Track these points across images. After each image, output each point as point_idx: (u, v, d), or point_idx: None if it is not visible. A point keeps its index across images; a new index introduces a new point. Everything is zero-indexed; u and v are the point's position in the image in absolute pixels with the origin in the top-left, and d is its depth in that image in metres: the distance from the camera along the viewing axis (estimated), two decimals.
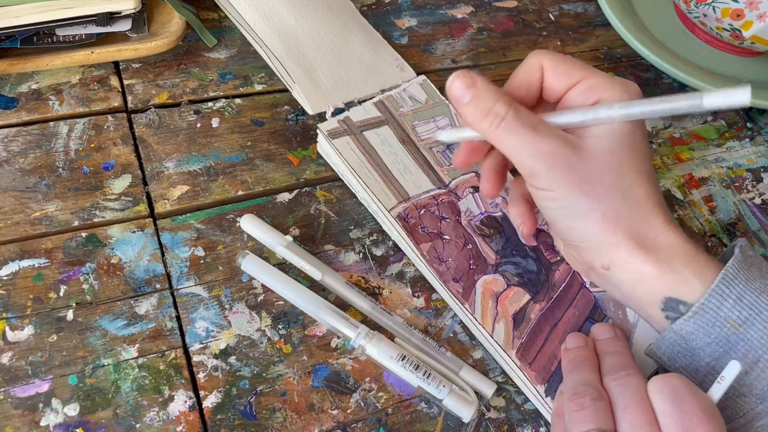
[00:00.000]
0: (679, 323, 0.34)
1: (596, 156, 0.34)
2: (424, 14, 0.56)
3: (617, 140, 0.34)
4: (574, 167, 0.34)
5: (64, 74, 0.46)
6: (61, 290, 0.37)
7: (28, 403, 0.34)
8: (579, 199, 0.34)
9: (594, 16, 0.61)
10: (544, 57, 0.36)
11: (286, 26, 0.49)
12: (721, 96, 0.31)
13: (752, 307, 0.33)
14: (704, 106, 0.31)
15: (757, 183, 0.52)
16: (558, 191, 0.35)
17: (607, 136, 0.34)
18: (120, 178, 0.42)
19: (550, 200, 0.35)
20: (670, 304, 0.34)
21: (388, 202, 0.42)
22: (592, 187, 0.34)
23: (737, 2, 0.52)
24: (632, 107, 0.33)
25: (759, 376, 0.33)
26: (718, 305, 0.33)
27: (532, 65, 0.37)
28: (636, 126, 0.35)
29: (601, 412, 0.31)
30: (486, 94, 0.35)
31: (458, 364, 0.39)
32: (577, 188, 0.34)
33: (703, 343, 0.33)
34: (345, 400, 0.37)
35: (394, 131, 0.46)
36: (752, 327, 0.33)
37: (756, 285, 0.33)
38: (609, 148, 0.34)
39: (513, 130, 0.34)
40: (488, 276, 0.41)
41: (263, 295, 0.39)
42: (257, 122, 0.46)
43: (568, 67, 0.36)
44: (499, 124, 0.34)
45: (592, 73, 0.35)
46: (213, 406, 0.36)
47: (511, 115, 0.34)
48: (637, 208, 0.35)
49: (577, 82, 0.35)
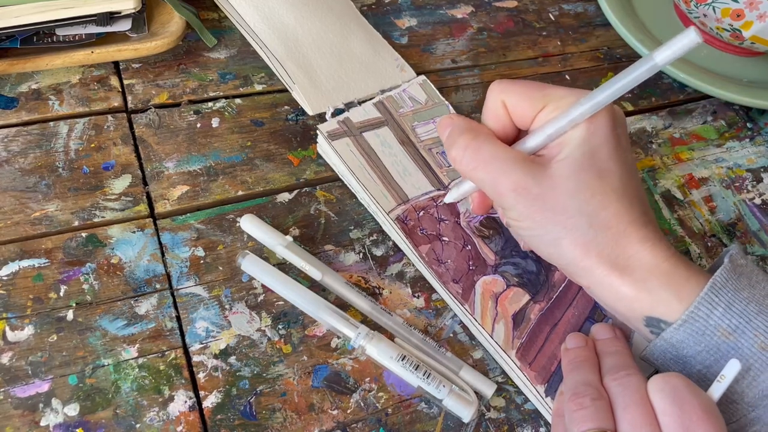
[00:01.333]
0: (669, 332, 0.33)
1: (560, 182, 0.34)
2: (424, 14, 0.56)
3: (580, 162, 0.34)
4: (538, 199, 0.34)
5: (64, 74, 0.46)
6: (61, 290, 0.37)
7: (28, 403, 0.34)
8: (546, 228, 0.35)
9: (594, 16, 0.61)
10: (502, 92, 0.37)
11: (286, 26, 0.49)
12: (670, 47, 0.31)
13: (742, 315, 0.33)
14: (658, 64, 0.31)
15: (757, 183, 0.52)
16: (527, 222, 0.35)
17: (570, 160, 0.34)
18: (120, 178, 0.42)
19: (523, 230, 0.36)
20: (652, 323, 0.34)
21: (387, 205, 0.42)
22: (557, 216, 0.34)
23: (737, 2, 0.52)
24: (594, 97, 0.33)
25: (750, 384, 0.32)
26: (707, 314, 0.33)
27: (494, 104, 0.37)
28: (603, 143, 0.34)
29: (601, 412, 0.31)
30: (456, 129, 0.37)
31: (458, 364, 0.39)
32: (543, 218, 0.34)
33: (694, 351, 0.33)
34: (345, 400, 0.37)
35: (394, 132, 0.46)
36: (743, 335, 0.33)
37: (745, 294, 0.33)
38: (572, 172, 0.34)
39: (476, 164, 0.35)
40: (488, 276, 0.41)
41: (263, 296, 0.39)
42: (257, 122, 0.46)
43: (528, 96, 0.36)
44: (463, 155, 0.36)
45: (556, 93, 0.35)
46: (213, 406, 0.36)
47: (472, 147, 0.36)
48: (606, 231, 0.34)
49: (543, 106, 0.35)
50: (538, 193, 0.34)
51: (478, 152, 0.35)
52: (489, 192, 0.36)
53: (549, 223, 0.34)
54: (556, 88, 0.36)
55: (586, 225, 0.34)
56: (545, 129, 0.35)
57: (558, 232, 0.34)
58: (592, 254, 0.34)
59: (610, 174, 0.34)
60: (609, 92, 0.33)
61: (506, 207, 0.36)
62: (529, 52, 0.56)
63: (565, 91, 0.35)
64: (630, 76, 0.33)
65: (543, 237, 0.35)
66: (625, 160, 0.35)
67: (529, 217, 0.35)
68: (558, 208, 0.34)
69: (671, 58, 0.31)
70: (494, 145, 0.36)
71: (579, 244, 0.34)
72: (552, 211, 0.34)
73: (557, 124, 0.34)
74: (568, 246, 0.34)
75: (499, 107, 0.37)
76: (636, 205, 0.35)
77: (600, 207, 0.34)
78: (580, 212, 0.34)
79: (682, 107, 0.56)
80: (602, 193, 0.34)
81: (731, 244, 0.36)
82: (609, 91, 0.33)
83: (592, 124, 0.34)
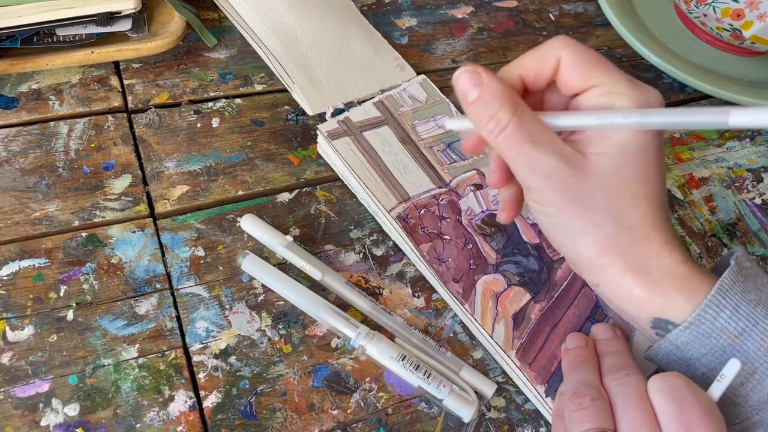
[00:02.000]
0: (675, 333, 0.33)
1: (595, 176, 0.33)
2: (424, 14, 0.56)
3: (621, 160, 0.33)
4: (571, 188, 0.33)
5: (64, 74, 0.46)
6: (61, 290, 0.37)
7: (29, 403, 0.34)
8: (571, 220, 0.34)
9: (594, 16, 0.61)
10: (564, 48, 0.34)
11: (286, 26, 0.49)
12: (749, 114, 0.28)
13: (749, 318, 0.32)
14: (729, 125, 0.29)
15: (757, 183, 0.52)
16: (552, 209, 0.34)
17: (611, 156, 0.33)
18: (120, 178, 0.42)
19: (544, 214, 0.35)
20: (659, 324, 0.34)
21: (388, 203, 0.42)
22: (585, 210, 0.33)
23: (737, 2, 0.52)
24: (649, 116, 0.32)
25: (755, 387, 0.32)
26: (714, 316, 0.33)
27: (549, 54, 0.34)
28: (647, 145, 0.33)
29: (601, 412, 0.31)
30: (491, 96, 0.33)
31: (458, 364, 0.39)
32: (570, 209, 0.34)
33: (699, 353, 0.33)
34: (345, 400, 0.37)
35: (394, 131, 0.46)
36: (749, 338, 0.32)
37: (752, 296, 0.33)
38: (610, 169, 0.33)
39: (512, 142, 0.33)
40: (489, 276, 0.41)
41: (263, 295, 0.39)
42: (257, 122, 0.46)
43: (588, 66, 0.34)
44: (500, 132, 0.33)
45: (613, 78, 0.33)
46: (213, 406, 0.36)
47: (513, 126, 0.33)
48: (630, 232, 0.34)
49: (594, 85, 0.33)
50: (573, 184, 0.33)
51: (519, 130, 0.33)
52: (520, 171, 0.34)
53: (575, 215, 0.34)
54: (614, 70, 0.34)
55: (611, 224, 0.33)
56: (588, 117, 0.33)
57: (582, 227, 0.34)
58: (609, 252, 0.34)
59: (646, 178, 0.34)
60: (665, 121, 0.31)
61: (534, 189, 0.34)
62: None
63: (621, 76, 0.33)
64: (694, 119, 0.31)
65: (563, 227, 0.34)
66: (660, 166, 0.35)
67: (557, 204, 0.34)
68: (588, 203, 0.33)
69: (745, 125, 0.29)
70: (534, 121, 0.33)
71: (599, 242, 0.34)
72: (582, 205, 0.33)
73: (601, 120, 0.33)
74: (587, 241, 0.34)
75: (552, 59, 0.34)
76: (662, 211, 0.35)
77: (629, 208, 0.33)
78: (609, 211, 0.33)
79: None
80: (634, 197, 0.34)
81: (735, 246, 0.36)
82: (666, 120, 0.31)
83: None
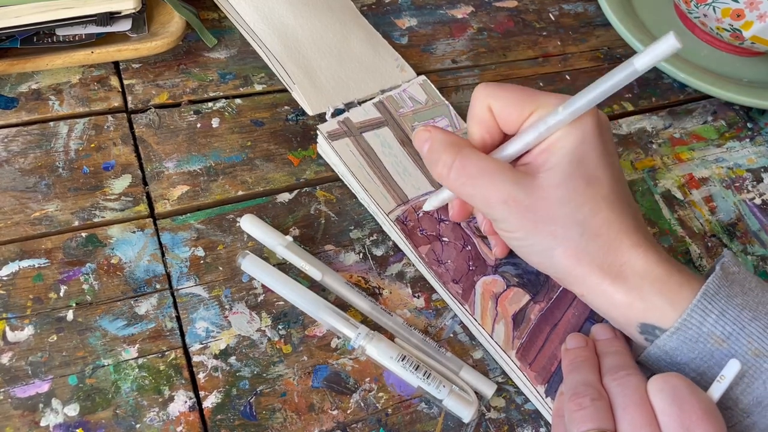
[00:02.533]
0: (662, 339, 0.33)
1: (549, 192, 0.34)
2: (424, 14, 0.56)
3: (568, 171, 0.34)
4: (529, 209, 0.34)
5: (64, 74, 0.46)
6: (61, 290, 0.37)
7: (28, 403, 0.34)
8: (538, 238, 0.35)
9: (594, 16, 0.61)
10: (488, 98, 0.36)
11: (286, 26, 0.49)
12: (649, 53, 0.30)
13: (735, 322, 0.33)
14: (638, 70, 0.31)
15: (757, 183, 0.52)
16: (519, 233, 0.35)
17: (559, 168, 0.34)
18: (120, 178, 0.42)
19: (515, 240, 0.36)
20: (646, 329, 0.34)
21: (387, 206, 0.42)
22: (548, 226, 0.34)
23: (737, 2, 0.52)
24: (573, 104, 0.33)
25: (745, 390, 0.33)
26: (700, 321, 0.33)
27: (480, 108, 0.36)
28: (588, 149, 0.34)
29: (601, 412, 0.31)
30: (437, 144, 0.36)
31: (458, 364, 0.39)
32: (535, 229, 0.34)
33: (688, 358, 0.33)
34: (345, 401, 0.37)
35: (394, 132, 0.46)
36: (736, 342, 0.33)
37: (738, 301, 0.33)
38: (560, 181, 0.34)
39: (464, 179, 0.35)
40: (488, 277, 0.41)
41: (263, 296, 0.39)
42: (257, 122, 0.46)
43: (515, 100, 0.35)
44: (449, 172, 0.35)
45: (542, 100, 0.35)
46: (213, 407, 0.36)
47: (458, 164, 0.35)
48: (597, 238, 0.34)
49: (530, 113, 0.35)
50: (529, 204, 0.34)
51: (464, 168, 0.35)
52: (478, 205, 0.36)
53: (540, 233, 0.34)
54: (545, 94, 0.35)
55: (577, 234, 0.34)
56: (524, 136, 0.35)
57: (550, 242, 0.34)
58: (584, 262, 0.34)
59: (598, 181, 0.34)
60: (588, 98, 0.33)
61: (497, 219, 0.35)
62: (529, 52, 0.56)
63: (554, 97, 0.35)
64: (609, 82, 0.32)
65: (534, 246, 0.35)
66: (613, 165, 0.35)
67: (521, 228, 0.35)
68: (549, 218, 0.34)
69: (651, 63, 0.30)
70: (479, 158, 0.35)
71: (571, 253, 0.34)
72: (543, 222, 0.34)
73: (536, 131, 0.34)
74: (560, 255, 0.34)
75: (485, 111, 0.36)
76: (626, 211, 0.35)
77: (590, 215, 0.34)
78: (572, 221, 0.34)
79: (682, 107, 0.56)
80: (592, 201, 0.34)
81: (724, 252, 0.36)
82: (588, 98, 0.33)
83: (577, 130, 0.34)
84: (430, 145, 0.36)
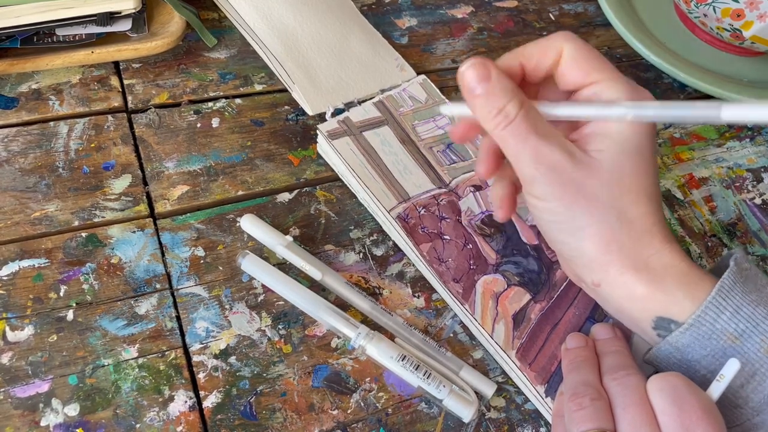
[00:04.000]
0: (675, 336, 0.33)
1: (598, 172, 0.33)
2: (424, 14, 0.56)
3: (621, 157, 0.34)
4: (574, 182, 0.33)
5: (64, 74, 0.46)
6: (61, 290, 0.37)
7: (28, 403, 0.34)
8: (574, 215, 0.34)
9: (594, 16, 0.61)
10: (567, 42, 0.35)
11: (286, 26, 0.49)
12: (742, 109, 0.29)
13: (749, 319, 0.32)
14: (722, 119, 0.30)
15: (757, 183, 0.52)
16: (554, 204, 0.34)
17: (611, 153, 0.33)
18: (120, 178, 0.42)
19: (545, 211, 0.35)
20: (662, 323, 0.34)
21: (388, 203, 0.42)
22: (588, 204, 0.33)
23: (737, 2, 0.52)
24: (646, 108, 0.32)
25: (756, 388, 0.32)
26: (714, 318, 0.33)
27: (551, 46, 0.35)
28: (644, 143, 0.34)
29: (601, 412, 0.31)
30: (499, 90, 0.33)
31: (458, 364, 0.39)
32: (574, 204, 0.34)
33: (699, 355, 0.33)
34: (345, 400, 0.37)
35: (394, 131, 0.46)
36: (749, 340, 0.32)
37: (753, 297, 0.33)
38: (612, 165, 0.33)
39: (519, 134, 0.33)
40: (488, 276, 0.41)
41: (263, 295, 0.39)
42: (257, 122, 0.46)
43: (588, 63, 0.34)
44: (508, 124, 0.33)
45: (611, 76, 0.34)
46: (213, 406, 0.36)
47: (520, 118, 0.33)
48: (632, 228, 0.34)
49: (592, 82, 0.34)
50: (576, 176, 0.33)
51: (525, 122, 0.33)
52: (524, 164, 0.34)
53: (578, 209, 0.34)
54: (613, 70, 0.34)
55: (615, 218, 0.34)
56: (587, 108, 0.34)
57: (584, 221, 0.34)
58: (612, 249, 0.34)
59: (645, 175, 0.34)
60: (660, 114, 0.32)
61: (537, 183, 0.34)
62: None
63: (619, 76, 0.34)
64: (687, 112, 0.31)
65: (566, 223, 0.34)
66: (655, 164, 0.35)
67: (560, 198, 0.34)
68: (591, 196, 0.33)
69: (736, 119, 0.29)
70: (539, 117, 0.34)
71: (602, 237, 0.34)
72: (585, 198, 0.33)
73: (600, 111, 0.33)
74: (590, 237, 0.34)
75: (554, 52, 0.35)
76: (660, 208, 0.35)
77: (630, 204, 0.34)
78: (613, 205, 0.34)
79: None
80: (636, 192, 0.34)
81: (734, 248, 0.36)
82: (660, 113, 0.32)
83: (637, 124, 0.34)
84: (489, 87, 0.34)
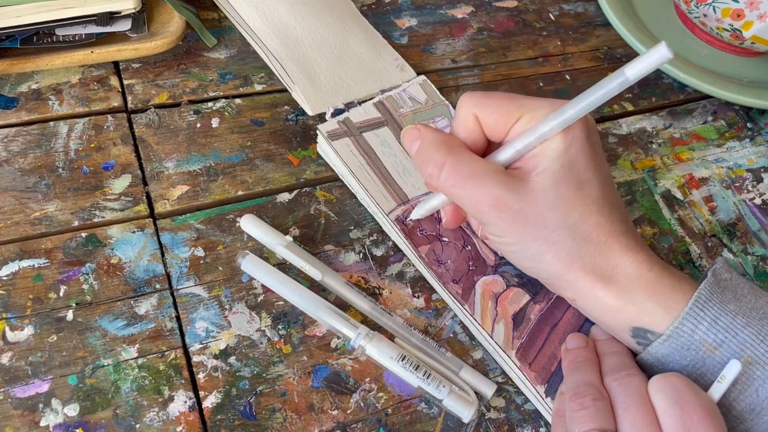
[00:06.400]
0: (654, 347, 0.33)
1: (540, 196, 0.34)
2: (424, 14, 0.56)
3: (558, 175, 0.34)
4: (520, 213, 0.34)
5: (64, 74, 0.46)
6: (61, 290, 0.37)
7: (28, 403, 0.34)
8: (528, 243, 0.34)
9: (594, 16, 0.61)
10: (474, 107, 0.36)
11: (286, 26, 0.49)
12: (641, 61, 0.30)
13: (728, 329, 0.32)
14: (629, 79, 0.31)
15: (757, 183, 0.52)
16: (508, 238, 0.35)
17: (549, 172, 0.34)
18: (120, 178, 0.42)
19: (502, 245, 0.36)
20: (639, 333, 0.34)
21: (387, 205, 0.42)
22: (539, 230, 0.34)
23: (737, 2, 0.52)
24: (565, 111, 0.33)
25: (737, 397, 0.32)
26: (692, 328, 0.33)
27: (466, 117, 0.36)
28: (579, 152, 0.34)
29: (602, 412, 0.31)
30: (427, 143, 0.35)
31: (458, 364, 0.39)
32: (526, 235, 0.34)
33: (679, 365, 0.33)
34: (345, 401, 0.37)
35: (394, 132, 0.46)
36: (728, 350, 0.32)
37: (731, 307, 0.33)
38: (551, 185, 0.34)
39: (454, 180, 0.34)
40: (488, 277, 0.41)
41: (263, 296, 0.39)
42: (257, 122, 0.46)
43: (501, 108, 0.35)
44: (439, 172, 0.35)
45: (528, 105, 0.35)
46: (213, 407, 0.36)
47: (449, 164, 0.34)
48: (588, 243, 0.34)
49: (517, 119, 0.35)
50: (519, 208, 0.34)
51: (456, 168, 0.34)
52: (468, 208, 0.36)
53: (531, 238, 0.34)
54: (531, 99, 0.35)
55: (568, 238, 0.34)
56: (515, 144, 0.35)
57: (540, 247, 0.34)
58: (575, 267, 0.34)
59: (588, 185, 0.34)
60: (579, 108, 0.33)
61: (487, 223, 0.35)
62: (529, 52, 0.56)
63: (541, 102, 0.35)
64: (601, 91, 0.32)
65: (525, 252, 0.35)
66: (602, 169, 0.35)
67: (511, 232, 0.35)
68: (539, 223, 0.34)
69: (642, 73, 0.30)
70: (471, 159, 0.35)
71: (562, 258, 0.34)
72: (534, 226, 0.34)
73: (527, 139, 0.34)
74: (551, 260, 0.34)
75: (471, 120, 0.36)
76: (615, 214, 0.35)
77: (581, 219, 0.34)
78: (562, 226, 0.34)
79: (683, 107, 0.56)
80: (583, 205, 0.34)
81: (717, 259, 0.36)
82: (579, 107, 0.33)
83: (567, 135, 0.34)
84: (420, 144, 0.36)
